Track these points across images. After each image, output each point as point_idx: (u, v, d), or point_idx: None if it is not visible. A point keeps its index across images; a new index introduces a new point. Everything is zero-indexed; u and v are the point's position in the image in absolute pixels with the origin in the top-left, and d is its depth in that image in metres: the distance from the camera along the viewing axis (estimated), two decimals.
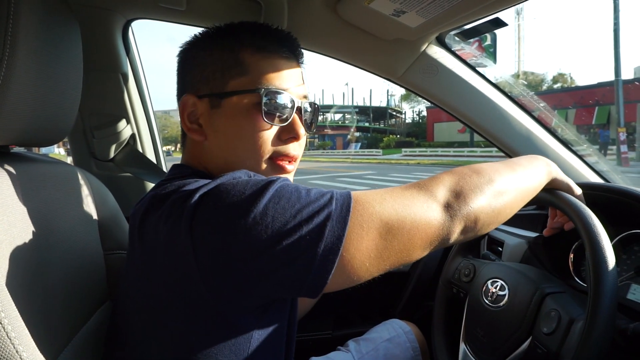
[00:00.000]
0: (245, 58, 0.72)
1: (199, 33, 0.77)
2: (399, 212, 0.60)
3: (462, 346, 1.01)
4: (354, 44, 1.16)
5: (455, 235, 0.63)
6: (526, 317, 0.85)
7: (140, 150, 1.30)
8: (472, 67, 1.29)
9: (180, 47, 0.78)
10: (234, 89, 0.71)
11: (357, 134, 57.15)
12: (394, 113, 62.77)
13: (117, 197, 1.02)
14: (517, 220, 1.06)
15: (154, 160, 1.34)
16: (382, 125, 61.09)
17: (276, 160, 0.73)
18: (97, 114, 1.20)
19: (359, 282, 0.60)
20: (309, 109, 0.78)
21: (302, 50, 0.82)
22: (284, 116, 0.72)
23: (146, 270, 0.62)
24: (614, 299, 0.68)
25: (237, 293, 0.57)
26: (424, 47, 1.19)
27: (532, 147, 1.32)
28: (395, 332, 1.26)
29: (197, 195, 0.57)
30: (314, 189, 0.61)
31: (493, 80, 1.31)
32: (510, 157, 1.34)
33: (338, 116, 63.31)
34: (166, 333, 0.61)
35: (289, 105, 0.72)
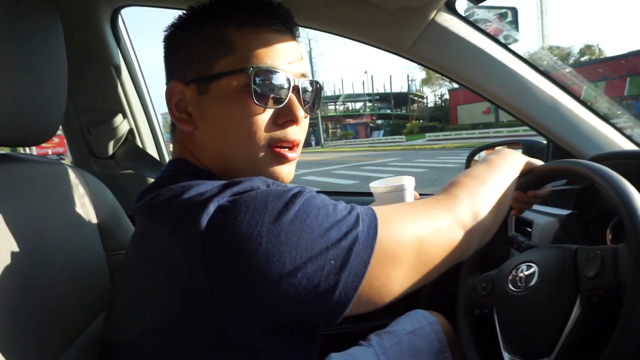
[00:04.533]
0: (230, 35, 0.63)
1: (183, 14, 0.69)
2: (427, 236, 0.58)
3: (507, 357, 0.86)
4: (355, 17, 1.07)
5: (471, 251, 0.66)
6: (566, 276, 0.76)
7: (140, 145, 1.25)
8: (489, 35, 1.18)
9: (165, 30, 0.71)
10: (221, 71, 0.63)
11: (379, 121, 56.71)
12: (416, 98, 61.90)
13: (119, 195, 0.98)
14: (546, 197, 0.97)
15: (155, 155, 1.29)
16: (404, 112, 60.35)
17: (274, 148, 0.65)
18: (92, 109, 1.16)
19: (382, 306, 0.55)
20: (309, 88, 0.69)
21: (297, 23, 0.72)
22: (279, 97, 0.64)
23: (144, 280, 0.57)
24: None
25: (249, 315, 0.51)
26: (432, 15, 1.09)
27: (564, 122, 1.20)
28: (419, 323, 1.18)
29: (211, 207, 0.51)
30: (339, 203, 0.57)
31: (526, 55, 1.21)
32: (543, 135, 1.24)
33: (359, 105, 62.86)
34: (165, 351, 0.55)
35: (284, 84, 0.64)
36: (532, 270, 0.84)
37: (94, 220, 0.87)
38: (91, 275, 0.80)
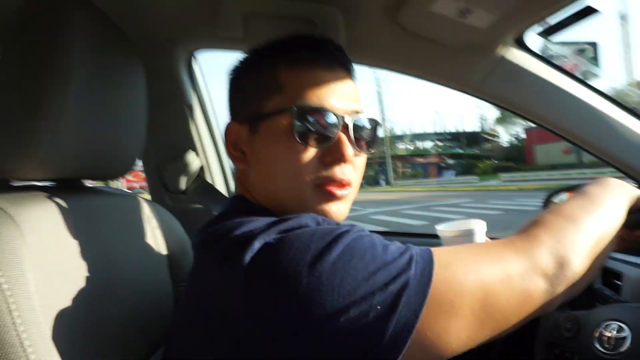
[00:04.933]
0: (281, 74, 0.65)
1: (243, 58, 0.72)
2: (495, 283, 0.52)
3: None
4: (420, 55, 1.07)
5: (557, 303, 0.56)
6: None
7: (210, 181, 1.31)
8: (564, 71, 1.12)
9: (228, 74, 0.76)
10: (269, 111, 0.64)
11: (450, 161, 55.39)
12: (489, 137, 59.92)
13: (189, 228, 1.02)
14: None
15: (224, 191, 1.34)
16: (476, 151, 58.55)
17: (322, 187, 0.64)
18: (167, 146, 1.23)
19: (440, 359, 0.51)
20: (363, 126, 0.67)
21: (350, 59, 0.71)
22: (325, 135, 0.63)
23: (191, 315, 0.58)
24: None
25: (286, 357, 0.49)
26: (501, 52, 1.06)
27: None
28: None
29: (256, 244, 0.51)
30: (391, 243, 0.54)
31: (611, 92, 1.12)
32: (630, 176, 1.14)
33: (429, 144, 61.98)
34: None
35: (331, 122, 0.63)
36: (624, 334, 0.77)
37: (164, 251, 0.91)
38: (158, 304, 0.83)
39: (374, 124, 0.70)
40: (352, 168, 0.66)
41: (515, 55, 1.08)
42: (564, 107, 1.11)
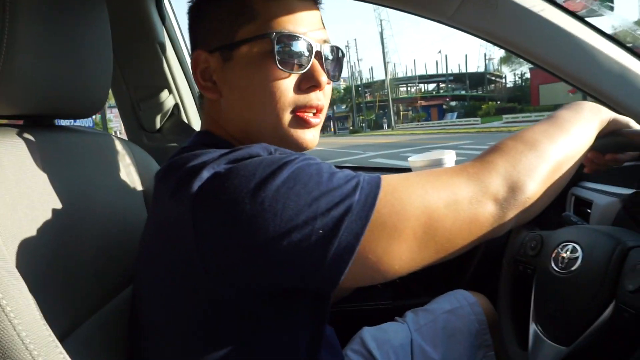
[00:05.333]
0: (253, 2, 0.64)
1: None
2: (440, 208, 0.52)
3: (532, 327, 0.87)
4: None
5: (507, 227, 0.56)
6: (606, 278, 0.70)
7: (185, 119, 1.30)
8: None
9: (188, 2, 0.73)
10: (244, 37, 0.64)
11: (453, 103, 54.66)
12: (493, 78, 58.70)
13: None
14: (607, 175, 0.88)
15: (199, 129, 1.34)
16: (480, 93, 57.55)
17: (298, 113, 0.66)
18: (141, 86, 1.22)
19: (387, 280, 0.53)
20: (330, 55, 0.69)
21: None
22: (302, 63, 0.64)
23: (151, 246, 0.60)
24: None
25: (238, 280, 0.52)
26: None
27: None
28: (458, 303, 1.14)
29: (205, 173, 0.52)
30: (339, 171, 0.54)
31: (610, 31, 1.08)
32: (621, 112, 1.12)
33: (431, 86, 60.88)
34: (178, 320, 0.57)
35: (307, 50, 0.64)
36: (577, 254, 0.79)
37: (139, 187, 0.92)
38: (133, 239, 0.85)
39: (340, 52, 0.72)
40: (324, 95, 0.68)
41: None
42: (545, 36, 1.07)
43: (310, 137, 0.68)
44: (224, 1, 0.66)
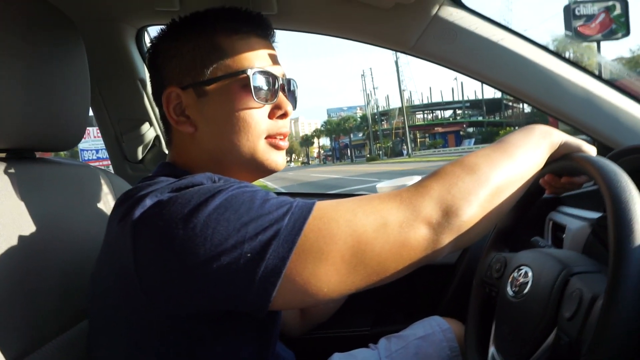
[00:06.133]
0: (222, 42, 0.71)
1: (166, 26, 0.76)
2: (368, 232, 0.54)
3: (491, 349, 0.88)
4: (351, 18, 1.07)
5: (444, 251, 0.57)
6: (549, 304, 0.69)
7: (166, 151, 1.36)
8: (504, 27, 1.12)
9: (150, 42, 0.79)
10: (218, 74, 0.70)
11: (470, 129, 54.42)
12: (510, 104, 58.44)
13: None
14: (580, 199, 0.88)
15: None
16: (497, 119, 57.24)
17: (269, 139, 0.73)
18: (124, 119, 1.29)
19: (320, 303, 0.57)
20: (292, 86, 0.79)
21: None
22: (273, 95, 0.72)
23: (99, 272, 0.64)
24: None
25: (174, 303, 0.55)
26: (434, 10, 1.06)
27: (602, 115, 1.09)
28: (431, 329, 1.14)
29: (147, 201, 0.56)
30: (275, 198, 0.57)
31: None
32: (581, 130, 1.14)
33: (448, 113, 60.87)
34: (121, 338, 0.61)
35: (275, 83, 0.72)
36: (527, 279, 0.79)
37: None
38: None
39: (295, 84, 0.81)
40: (288, 122, 0.77)
41: (450, 13, 1.07)
42: (502, 62, 1.11)
43: (281, 159, 0.75)
44: (193, 41, 0.71)
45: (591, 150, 0.70)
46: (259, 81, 0.70)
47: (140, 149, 1.31)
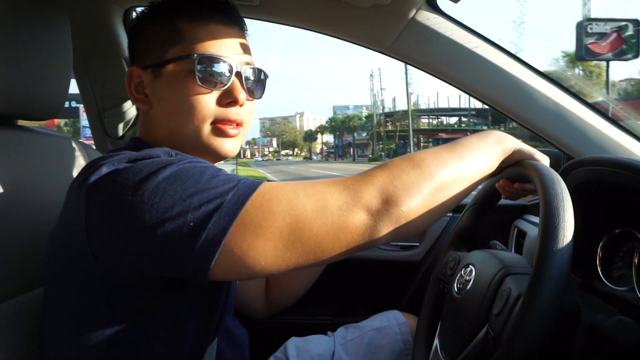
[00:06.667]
0: (181, 26, 0.74)
1: (145, 8, 0.80)
2: (307, 212, 0.56)
3: (435, 342, 0.91)
4: (330, 15, 1.11)
5: (383, 240, 0.59)
6: (484, 302, 0.73)
7: None
8: (480, 35, 1.15)
9: (129, 23, 0.83)
10: (170, 57, 0.73)
11: None
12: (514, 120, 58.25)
13: None
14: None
15: None
16: (501, 129, 57.15)
17: (218, 125, 0.74)
18: (107, 96, 1.32)
19: (258, 277, 0.58)
20: (252, 76, 0.78)
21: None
22: (222, 81, 0.73)
23: (53, 237, 0.67)
24: (563, 269, 0.55)
25: (120, 266, 0.59)
26: (411, 13, 1.09)
27: (569, 128, 1.12)
28: (388, 322, 1.18)
29: (104, 168, 0.60)
30: (225, 175, 0.60)
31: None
32: (549, 141, 1.18)
33: (453, 120, 60.75)
34: (71, 304, 0.64)
35: (226, 70, 0.73)
36: (471, 277, 0.82)
37: None
38: None
39: (262, 74, 0.81)
40: (244, 110, 0.77)
41: (427, 17, 1.10)
42: (475, 69, 1.13)
43: (229, 146, 0.76)
44: (158, 25, 0.76)
45: (543, 158, 0.73)
46: (205, 67, 0.71)
47: (121, 126, 1.35)
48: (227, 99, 0.73)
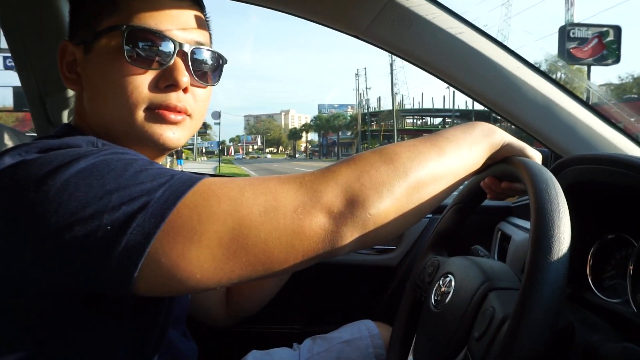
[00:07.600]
0: None
1: None
2: (254, 214, 0.46)
3: (410, 358, 0.81)
4: None
5: (345, 248, 0.49)
6: (464, 320, 0.63)
7: None
8: (465, 21, 1.05)
9: None
10: (102, 29, 0.62)
11: None
12: (499, 117, 59.28)
13: None
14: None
15: None
16: None
17: (155, 111, 0.62)
18: (49, 80, 1.18)
19: (192, 292, 0.51)
20: (203, 57, 0.66)
21: None
22: (161, 61, 0.61)
23: None
24: (557, 289, 0.45)
25: (31, 280, 0.47)
26: None
27: (558, 123, 1.04)
28: (359, 333, 1.08)
29: (6, 160, 0.49)
30: (157, 169, 0.49)
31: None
32: (535, 138, 1.09)
33: (437, 120, 61.42)
34: None
35: (167, 48, 0.61)
36: (450, 289, 0.72)
37: None
38: None
39: (217, 57, 0.69)
40: (191, 97, 0.65)
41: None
42: (458, 56, 1.04)
43: (169, 134, 0.64)
44: None
45: (535, 155, 0.63)
46: (136, 41, 0.60)
47: (65, 113, 1.22)
48: (166, 82, 0.62)
